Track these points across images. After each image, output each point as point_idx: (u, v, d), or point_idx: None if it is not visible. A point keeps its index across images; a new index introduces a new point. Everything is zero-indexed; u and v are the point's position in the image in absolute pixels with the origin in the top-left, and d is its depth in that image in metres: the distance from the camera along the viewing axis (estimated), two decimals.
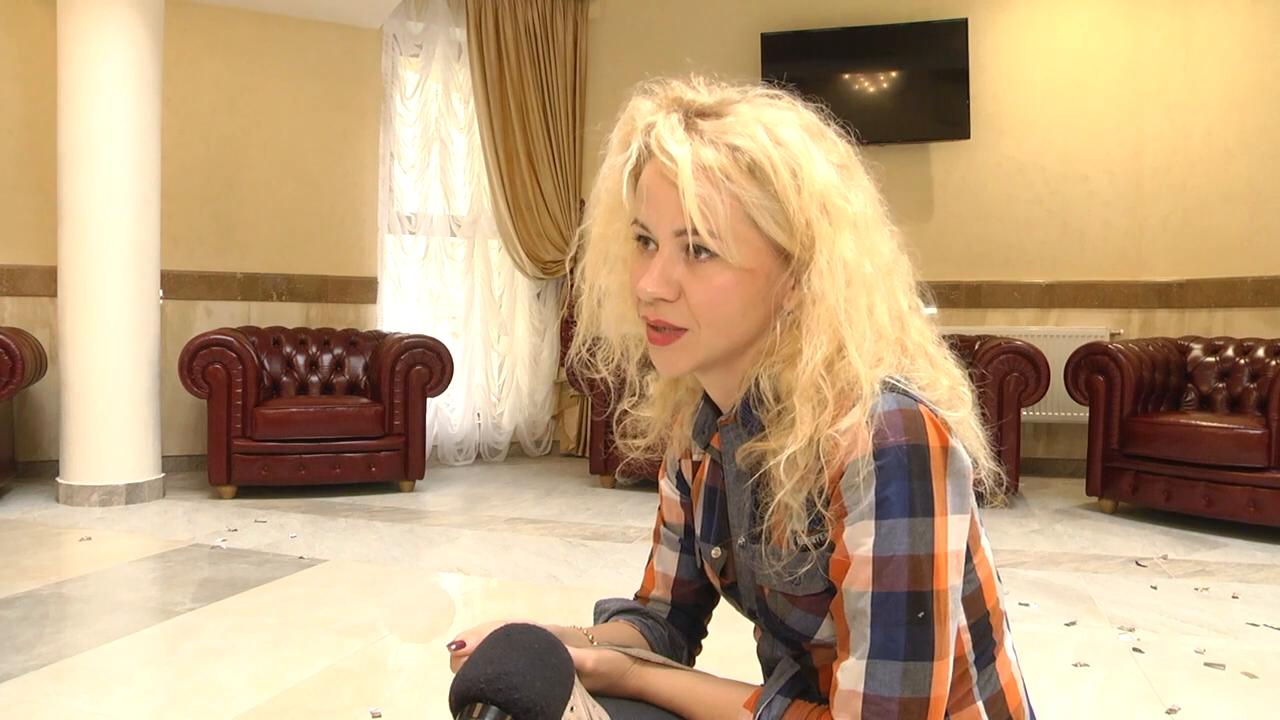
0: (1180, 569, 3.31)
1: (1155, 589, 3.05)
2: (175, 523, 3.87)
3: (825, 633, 0.87)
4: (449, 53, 5.68)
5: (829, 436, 0.80)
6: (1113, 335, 5.06)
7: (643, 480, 4.82)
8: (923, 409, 0.80)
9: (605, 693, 0.93)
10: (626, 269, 0.92)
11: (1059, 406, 4.97)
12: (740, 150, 0.81)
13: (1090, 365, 4.28)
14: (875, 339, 0.83)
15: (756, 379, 0.87)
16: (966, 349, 4.53)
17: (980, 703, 0.88)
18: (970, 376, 0.92)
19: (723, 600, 1.06)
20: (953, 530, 0.79)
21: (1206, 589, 3.05)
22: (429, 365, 4.65)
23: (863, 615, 0.79)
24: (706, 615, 1.12)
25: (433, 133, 5.64)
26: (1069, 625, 2.68)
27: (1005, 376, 4.31)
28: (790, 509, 0.83)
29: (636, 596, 1.11)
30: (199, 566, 3.23)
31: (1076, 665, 2.37)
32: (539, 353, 5.90)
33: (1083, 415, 4.58)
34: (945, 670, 0.79)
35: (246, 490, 4.42)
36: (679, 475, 1.07)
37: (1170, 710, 2.08)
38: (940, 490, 0.79)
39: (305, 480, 4.43)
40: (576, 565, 3.31)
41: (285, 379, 4.83)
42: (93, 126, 4.11)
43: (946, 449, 0.80)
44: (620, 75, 5.44)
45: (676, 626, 1.08)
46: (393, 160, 5.58)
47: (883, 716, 0.78)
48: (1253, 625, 2.68)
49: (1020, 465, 4.47)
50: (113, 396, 4.17)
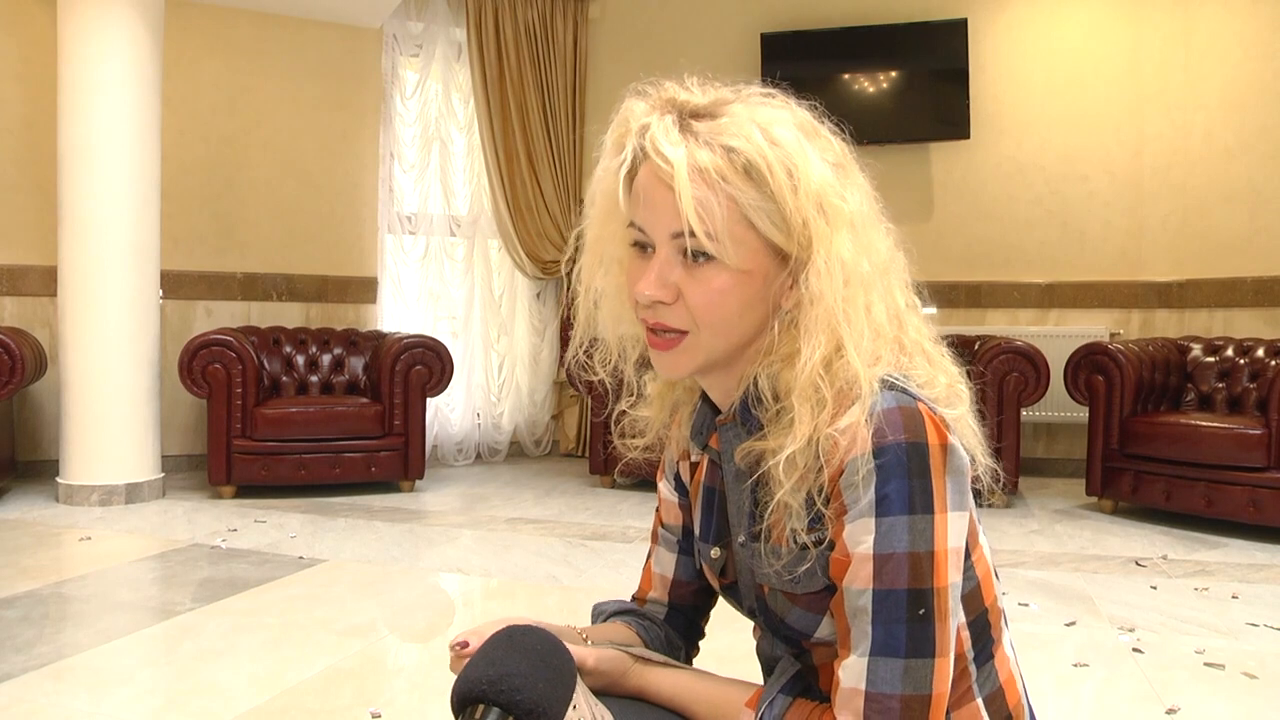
0: (1180, 569, 3.31)
1: (1155, 589, 3.05)
2: (175, 523, 3.88)
3: (825, 631, 0.87)
4: (449, 53, 5.68)
5: (828, 435, 0.80)
6: (1113, 335, 5.06)
7: (642, 480, 4.82)
8: (921, 407, 0.81)
9: (606, 691, 0.93)
10: (623, 271, 0.92)
11: (1059, 406, 4.97)
12: (736, 151, 0.81)
13: (1090, 365, 4.28)
14: (873, 337, 0.83)
15: (755, 378, 0.87)
16: (966, 349, 4.53)
17: (980, 700, 0.88)
18: (969, 375, 0.92)
19: (722, 601, 1.06)
20: (952, 527, 0.80)
21: (1206, 589, 3.05)
22: (429, 365, 4.64)
23: (863, 613, 0.79)
24: (704, 616, 1.12)
25: (433, 133, 5.64)
26: (1069, 625, 2.68)
27: (1005, 376, 4.31)
28: (790, 508, 0.83)
29: (634, 598, 1.11)
30: (199, 566, 3.23)
31: (1076, 665, 2.37)
32: (539, 353, 5.90)
33: (1082, 415, 4.58)
34: (946, 667, 0.79)
35: (246, 490, 4.42)
36: (676, 477, 1.07)
37: (1170, 710, 2.08)
38: (940, 487, 0.79)
39: (305, 480, 4.43)
40: (576, 565, 3.31)
41: (285, 379, 4.83)
42: (93, 126, 4.11)
43: (945, 446, 0.80)
44: (620, 75, 5.42)
45: (673, 627, 1.08)
46: (393, 160, 5.58)
47: (885, 714, 0.78)
48: (1253, 625, 2.68)
49: (1020, 465, 4.47)
50: (113, 396, 4.17)
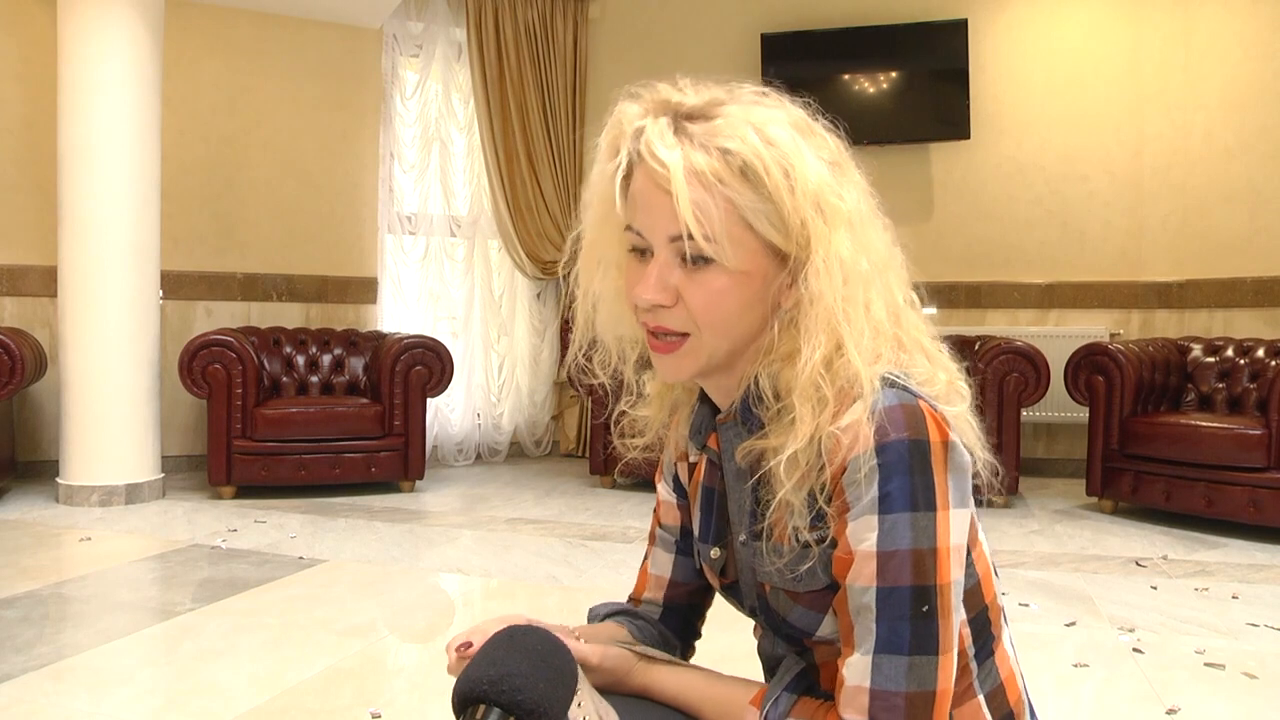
0: (1180, 569, 3.31)
1: (1155, 589, 3.05)
2: (175, 523, 3.87)
3: (827, 629, 0.87)
4: (449, 53, 5.68)
5: (830, 433, 0.81)
6: (1113, 335, 5.06)
7: (642, 480, 4.82)
8: (922, 404, 0.81)
9: (610, 689, 0.93)
10: (620, 273, 0.92)
11: (1059, 407, 4.97)
12: (732, 153, 0.81)
13: (1090, 365, 4.28)
14: (873, 335, 0.83)
15: (756, 377, 0.87)
16: (966, 349, 4.52)
17: (981, 696, 0.88)
18: (968, 373, 0.92)
19: (722, 601, 1.06)
20: (954, 524, 0.80)
21: (1206, 589, 3.05)
22: (429, 365, 4.64)
23: (867, 610, 0.79)
24: (699, 617, 1.11)
25: (433, 133, 5.64)
26: (1069, 625, 2.68)
27: (1005, 377, 4.31)
28: (792, 506, 0.83)
29: (630, 599, 1.11)
30: (199, 567, 3.23)
31: (1076, 665, 2.37)
32: (539, 353, 5.90)
33: (1083, 415, 4.58)
34: (950, 664, 0.79)
35: (246, 490, 4.42)
36: (675, 478, 1.07)
37: (1170, 710, 2.08)
38: (942, 485, 0.79)
39: (305, 480, 4.43)
40: (576, 565, 3.31)
41: (285, 379, 4.83)
42: (93, 126, 4.11)
43: (947, 444, 0.80)
44: (620, 75, 5.42)
45: (668, 627, 1.08)
46: (393, 160, 5.58)
47: (890, 712, 0.78)
48: (1253, 625, 2.68)
49: (1020, 465, 4.47)
50: (113, 396, 4.17)
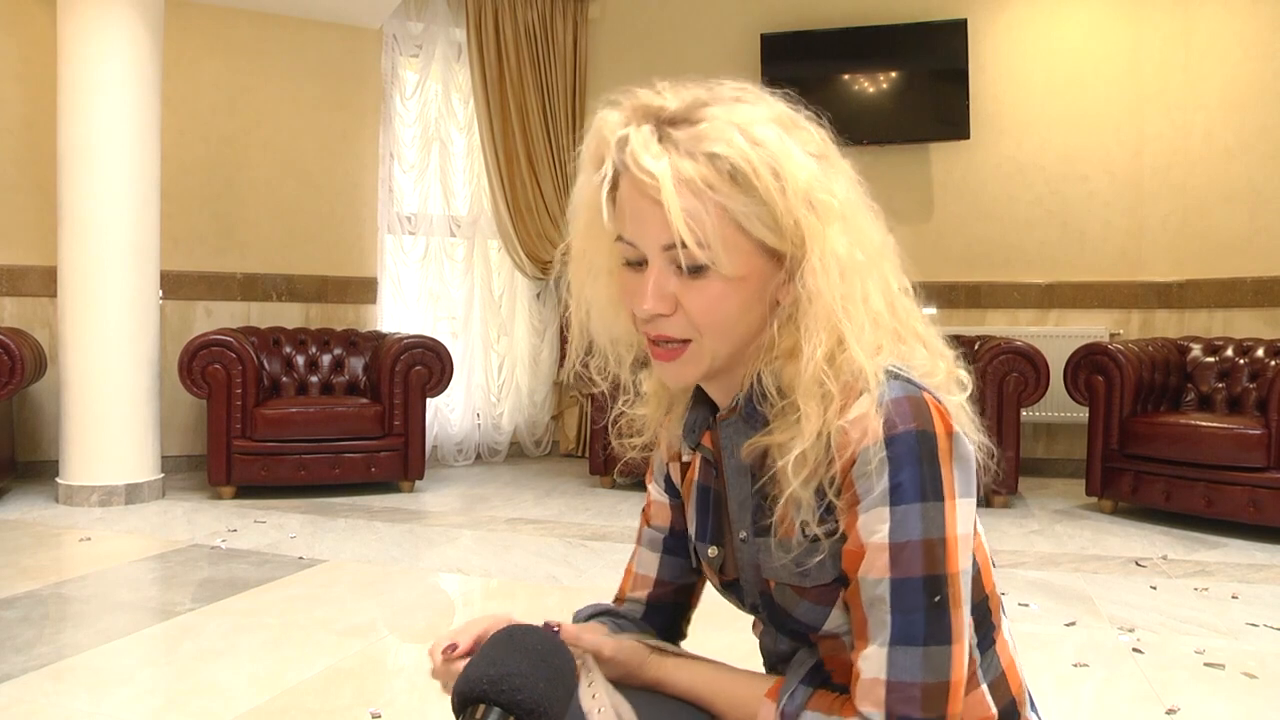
0: (1180, 569, 3.31)
1: (1155, 589, 3.05)
2: (175, 523, 3.87)
3: (834, 623, 0.87)
4: (449, 53, 5.68)
5: (839, 428, 0.81)
6: (1112, 335, 5.06)
7: (642, 480, 4.78)
8: (927, 396, 0.81)
9: (623, 682, 0.93)
10: (611, 279, 0.92)
11: (1059, 407, 4.97)
12: (720, 158, 0.80)
13: (1090, 365, 4.28)
14: (873, 328, 0.84)
15: (758, 375, 0.87)
16: (966, 349, 4.52)
17: (984, 685, 0.89)
18: (967, 373, 0.93)
19: (723, 601, 1.06)
20: (961, 513, 0.80)
21: (1206, 589, 3.05)
22: (429, 365, 4.64)
23: (881, 602, 0.79)
24: (684, 617, 1.11)
25: (432, 133, 5.64)
26: (1069, 625, 2.68)
27: (1005, 377, 4.31)
28: (800, 501, 0.83)
29: (614, 600, 1.11)
30: (199, 567, 3.23)
31: (1076, 665, 2.37)
32: (539, 353, 5.90)
33: (1082, 415, 4.58)
34: (962, 653, 0.80)
35: (246, 490, 4.42)
36: (667, 479, 1.07)
37: (1170, 710, 2.08)
38: (948, 475, 0.80)
39: (305, 480, 4.43)
40: (576, 565, 3.31)
41: (285, 379, 4.83)
42: (93, 126, 4.11)
43: (952, 434, 0.81)
44: (620, 75, 5.42)
45: (652, 626, 1.07)
46: (393, 160, 5.58)
47: (906, 703, 0.78)
48: (1252, 625, 2.68)
49: (1020, 465, 4.47)
50: (112, 396, 4.17)
